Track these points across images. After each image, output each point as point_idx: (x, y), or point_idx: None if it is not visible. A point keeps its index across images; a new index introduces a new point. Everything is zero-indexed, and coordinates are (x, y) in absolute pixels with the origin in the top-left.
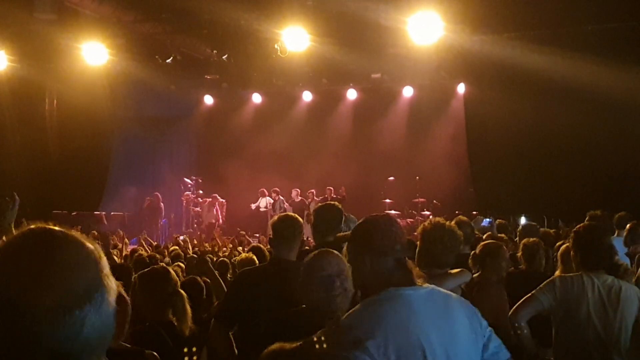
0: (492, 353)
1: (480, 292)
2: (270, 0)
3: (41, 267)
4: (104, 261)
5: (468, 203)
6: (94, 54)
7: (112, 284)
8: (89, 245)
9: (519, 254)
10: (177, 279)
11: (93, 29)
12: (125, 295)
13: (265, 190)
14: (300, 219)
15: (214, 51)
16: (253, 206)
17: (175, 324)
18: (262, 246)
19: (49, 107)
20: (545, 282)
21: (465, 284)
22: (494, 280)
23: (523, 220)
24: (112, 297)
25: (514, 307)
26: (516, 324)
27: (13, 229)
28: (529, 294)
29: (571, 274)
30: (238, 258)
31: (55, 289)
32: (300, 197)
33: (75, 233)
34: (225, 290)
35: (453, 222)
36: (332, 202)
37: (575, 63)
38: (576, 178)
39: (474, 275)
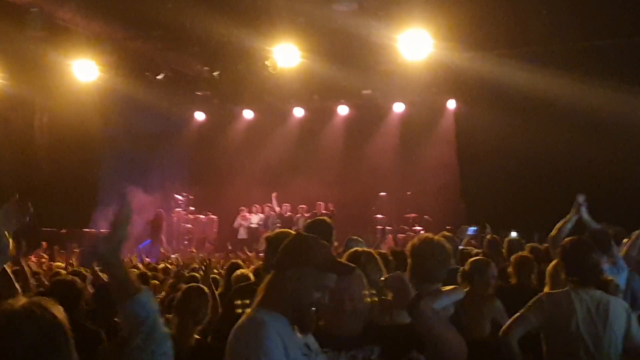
0: None
1: (474, 307)
2: (261, 17)
3: None
4: None
5: (459, 218)
6: (84, 70)
7: None
8: None
9: (509, 269)
10: None
11: (83, 45)
12: None
13: (258, 206)
14: None
15: (205, 68)
16: (245, 224)
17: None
18: (240, 262)
19: (39, 124)
20: (533, 300)
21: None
22: (482, 295)
23: (514, 236)
24: None
25: (504, 326)
26: (507, 344)
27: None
28: (519, 313)
29: (559, 290)
30: (234, 275)
31: None
32: (289, 213)
33: None
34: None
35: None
36: (322, 217)
37: (565, 80)
38: (567, 194)
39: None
